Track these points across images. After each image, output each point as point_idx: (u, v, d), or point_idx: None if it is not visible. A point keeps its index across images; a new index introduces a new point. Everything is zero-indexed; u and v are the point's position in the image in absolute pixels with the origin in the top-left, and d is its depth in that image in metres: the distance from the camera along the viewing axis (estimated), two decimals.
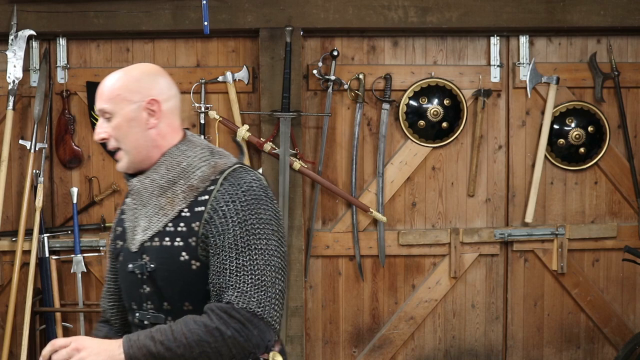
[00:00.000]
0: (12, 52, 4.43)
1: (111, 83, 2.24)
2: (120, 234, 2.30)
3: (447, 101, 4.73)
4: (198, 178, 2.15)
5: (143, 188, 2.19)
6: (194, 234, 2.10)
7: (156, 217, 2.17)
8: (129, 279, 2.21)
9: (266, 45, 4.53)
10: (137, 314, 2.21)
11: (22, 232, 4.44)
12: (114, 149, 2.19)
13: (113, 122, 2.18)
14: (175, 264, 2.12)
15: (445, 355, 4.88)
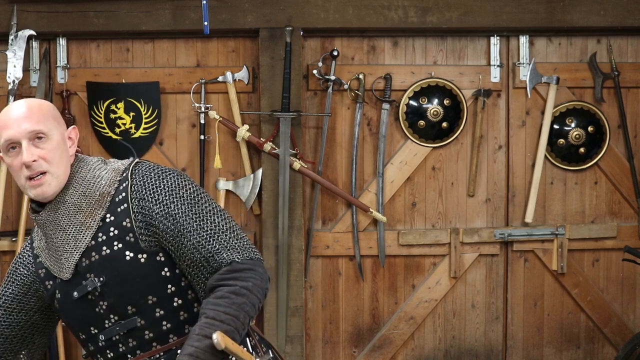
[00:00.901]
0: (12, 52, 4.43)
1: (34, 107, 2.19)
2: (45, 275, 2.27)
3: (447, 101, 4.73)
4: (105, 184, 2.20)
5: (58, 213, 2.19)
6: (129, 230, 2.15)
7: (80, 235, 2.19)
8: (80, 307, 2.21)
9: (266, 45, 4.53)
10: (100, 336, 2.22)
11: (22, 232, 4.44)
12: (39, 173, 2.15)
13: (47, 144, 2.16)
14: (123, 265, 2.16)
15: (445, 355, 4.89)
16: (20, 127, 2.14)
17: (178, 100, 4.72)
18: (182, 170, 4.73)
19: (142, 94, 4.62)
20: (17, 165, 2.16)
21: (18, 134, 2.14)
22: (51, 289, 2.26)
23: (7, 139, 2.15)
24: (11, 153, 2.16)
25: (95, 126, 4.64)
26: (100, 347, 2.23)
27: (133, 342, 2.20)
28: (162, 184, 2.18)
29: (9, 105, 2.23)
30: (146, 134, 4.66)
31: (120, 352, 2.22)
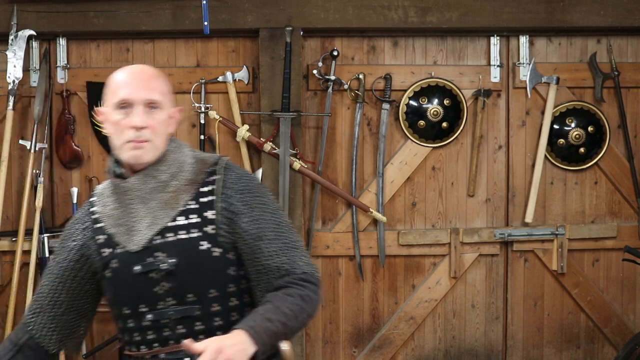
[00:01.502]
0: (12, 52, 4.43)
1: (157, 77, 2.29)
2: (105, 241, 2.25)
3: (447, 101, 4.73)
4: (192, 171, 2.23)
5: (146, 185, 2.21)
6: (209, 222, 2.18)
7: (161, 212, 2.20)
8: (137, 281, 2.19)
9: (266, 45, 4.53)
10: (149, 315, 2.19)
11: (22, 232, 4.44)
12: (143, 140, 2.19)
13: (159, 115, 2.21)
14: (196, 254, 2.17)
15: (445, 355, 4.89)
16: (140, 91, 2.19)
17: (178, 100, 4.68)
18: None
19: None
20: (124, 124, 2.19)
21: (137, 97, 2.18)
22: (107, 257, 2.24)
23: (124, 98, 2.19)
24: (121, 111, 2.19)
25: (95, 126, 4.64)
26: (142, 325, 2.21)
27: (182, 330, 2.19)
28: (252, 188, 2.23)
29: (132, 67, 2.29)
30: None
31: (164, 335, 2.20)
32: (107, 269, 2.24)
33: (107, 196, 2.31)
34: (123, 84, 2.22)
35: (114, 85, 2.24)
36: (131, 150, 2.20)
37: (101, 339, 4.70)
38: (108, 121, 2.27)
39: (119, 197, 2.25)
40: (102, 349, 4.57)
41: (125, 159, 2.23)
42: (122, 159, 2.25)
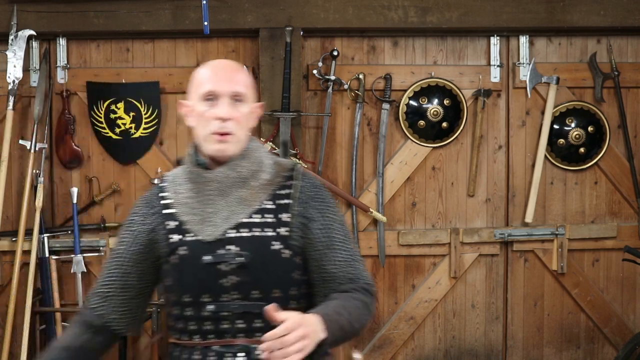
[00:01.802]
0: (12, 52, 4.43)
1: (240, 70, 2.27)
2: (175, 228, 2.25)
3: (447, 101, 4.73)
4: (270, 173, 2.27)
5: (227, 178, 2.22)
6: (283, 224, 2.22)
7: (239, 208, 2.22)
8: (204, 271, 2.19)
9: (266, 45, 4.53)
10: (210, 306, 2.19)
11: (22, 232, 4.44)
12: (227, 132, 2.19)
13: (243, 107, 2.22)
14: (268, 253, 2.20)
15: (445, 355, 4.89)
16: (226, 84, 2.20)
17: (178, 100, 4.70)
18: None
19: (142, 94, 4.63)
20: (209, 115, 2.19)
21: (223, 89, 2.20)
22: (176, 243, 2.23)
23: (211, 90, 2.20)
24: (206, 103, 2.20)
25: (95, 126, 4.64)
26: (201, 315, 2.21)
27: (241, 325, 2.20)
28: (324, 197, 2.29)
29: (217, 61, 2.30)
30: (146, 134, 4.66)
31: (221, 328, 2.20)
32: (173, 255, 2.24)
33: (179, 183, 2.29)
34: (209, 77, 2.22)
35: (200, 79, 2.23)
36: (216, 143, 2.19)
37: None
38: (192, 113, 2.25)
39: (197, 186, 2.25)
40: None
41: (209, 151, 2.22)
42: (205, 150, 2.23)
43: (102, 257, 4.64)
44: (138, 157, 4.70)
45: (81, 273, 4.61)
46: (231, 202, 2.23)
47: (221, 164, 2.23)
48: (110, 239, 4.63)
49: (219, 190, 2.22)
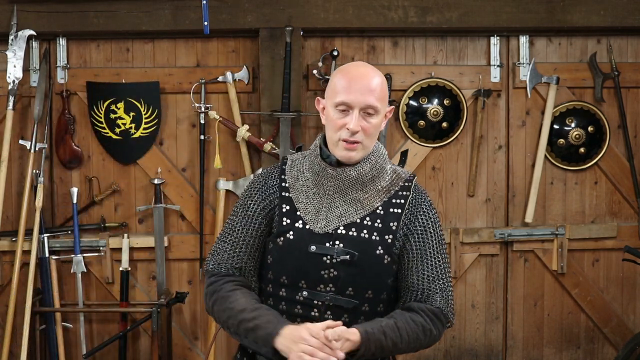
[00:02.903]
0: (12, 52, 4.43)
1: (379, 82, 2.33)
2: (288, 212, 2.37)
3: (447, 101, 4.73)
4: (388, 181, 2.39)
5: (347, 179, 2.35)
6: (391, 232, 2.34)
7: (353, 208, 2.35)
8: (307, 259, 2.31)
9: (266, 45, 4.53)
10: (305, 292, 2.32)
11: (22, 232, 4.44)
12: (355, 141, 2.30)
13: (374, 119, 2.31)
14: (372, 256, 2.32)
15: (445, 355, 4.89)
16: (360, 97, 2.28)
17: (178, 100, 4.72)
18: (182, 170, 4.73)
19: (142, 94, 4.63)
20: (339, 123, 2.29)
21: (356, 102, 2.28)
22: (286, 227, 2.36)
23: (345, 101, 2.28)
24: (339, 110, 2.30)
25: (95, 126, 4.64)
26: (294, 299, 2.33)
27: (329, 316, 2.31)
28: (432, 214, 2.41)
29: (354, 67, 2.37)
30: (146, 134, 4.66)
31: (311, 315, 2.32)
32: (280, 237, 2.36)
33: (300, 170, 2.42)
34: (346, 86, 2.29)
35: (338, 86, 2.31)
36: (343, 150, 2.31)
37: (101, 339, 4.70)
38: (326, 114, 2.37)
39: (318, 179, 2.37)
40: (102, 349, 4.57)
41: (337, 155, 2.34)
42: (333, 152, 2.35)
43: (102, 257, 4.65)
44: (138, 157, 4.70)
45: (81, 273, 4.61)
46: (347, 201, 2.36)
47: (345, 165, 2.35)
48: (111, 239, 4.63)
49: (338, 188, 2.36)
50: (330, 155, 2.36)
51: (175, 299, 4.52)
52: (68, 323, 4.67)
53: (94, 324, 4.75)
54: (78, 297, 4.62)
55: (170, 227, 4.75)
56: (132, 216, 4.74)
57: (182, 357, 4.78)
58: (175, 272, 4.77)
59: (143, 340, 4.76)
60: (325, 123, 2.38)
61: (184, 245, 4.72)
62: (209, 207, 4.72)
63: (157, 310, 4.37)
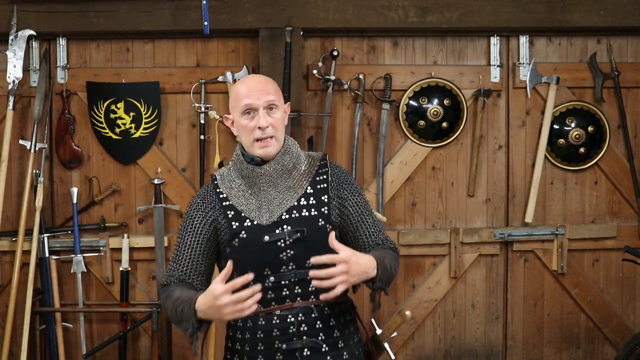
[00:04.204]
0: (12, 52, 4.43)
1: (268, 80, 2.71)
2: (233, 216, 2.68)
3: (447, 101, 4.73)
4: (306, 164, 2.76)
5: (273, 172, 2.68)
6: (324, 204, 2.70)
7: (287, 194, 2.69)
8: (264, 249, 2.63)
9: (266, 45, 4.53)
10: (271, 277, 2.62)
11: (22, 232, 4.44)
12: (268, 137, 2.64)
13: (277, 113, 2.67)
14: (316, 229, 2.65)
15: (445, 355, 4.89)
16: (261, 97, 2.64)
17: (178, 100, 4.72)
18: (182, 170, 4.73)
19: (142, 94, 4.63)
20: (251, 126, 2.64)
21: (258, 103, 2.64)
22: (237, 229, 2.67)
23: (248, 105, 2.64)
24: (246, 116, 2.65)
25: (95, 126, 4.64)
26: (263, 287, 2.57)
27: (298, 290, 2.64)
28: (351, 181, 2.79)
29: (249, 77, 2.76)
30: (146, 134, 4.66)
31: (282, 295, 2.63)
32: (235, 239, 2.66)
33: (231, 179, 2.74)
34: (246, 94, 2.64)
35: (239, 96, 2.66)
36: (261, 148, 2.65)
37: (101, 339, 4.70)
38: (236, 125, 2.70)
39: (249, 180, 2.70)
40: (102, 349, 4.57)
41: (257, 154, 2.67)
42: (253, 154, 2.68)
43: (102, 257, 4.65)
44: (138, 157, 4.70)
45: (81, 273, 4.61)
46: (281, 190, 2.69)
47: (267, 161, 2.68)
48: (111, 239, 4.63)
49: (269, 181, 2.68)
50: (253, 157, 2.68)
51: None
52: (68, 323, 4.67)
53: (94, 324, 4.76)
54: (78, 297, 4.62)
55: (170, 227, 4.75)
56: (132, 216, 4.74)
57: (182, 357, 4.78)
58: None
59: (143, 340, 4.76)
60: (237, 134, 2.70)
61: None
62: None
63: (157, 310, 4.37)
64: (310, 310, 2.64)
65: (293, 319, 2.63)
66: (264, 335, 2.64)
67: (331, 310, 2.68)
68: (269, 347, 2.63)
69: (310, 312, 2.64)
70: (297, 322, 2.63)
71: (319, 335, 2.64)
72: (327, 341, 2.65)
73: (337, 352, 2.67)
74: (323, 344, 2.64)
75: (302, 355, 2.62)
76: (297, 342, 2.62)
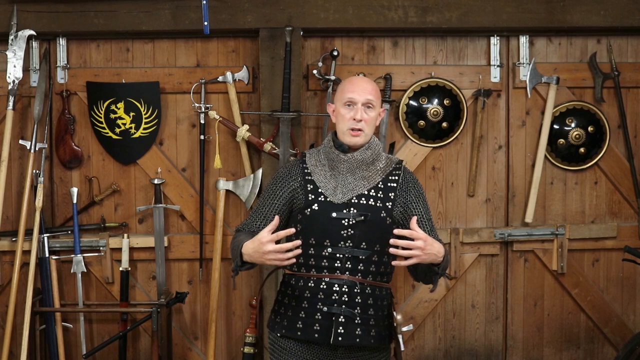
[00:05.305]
0: (12, 52, 4.43)
1: (374, 86, 3.17)
2: (312, 189, 3.14)
3: (447, 101, 4.73)
4: (383, 163, 3.20)
5: (355, 161, 3.14)
6: (390, 200, 3.14)
7: (361, 183, 3.13)
8: (330, 223, 3.07)
9: (266, 45, 4.53)
10: (329, 249, 3.07)
11: (22, 232, 4.44)
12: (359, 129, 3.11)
13: (372, 112, 3.14)
14: (377, 217, 3.10)
15: (445, 355, 4.89)
16: (363, 94, 3.12)
17: (178, 100, 4.72)
18: (182, 170, 4.73)
19: (142, 94, 4.63)
20: (348, 116, 3.12)
21: (360, 98, 3.11)
22: (312, 201, 3.12)
23: (350, 98, 3.12)
24: (347, 108, 3.12)
25: (95, 126, 4.64)
26: (321, 255, 3.07)
27: (348, 265, 3.07)
28: (419, 188, 3.24)
29: (357, 77, 3.40)
30: (146, 134, 4.66)
31: (334, 266, 3.07)
32: (308, 209, 3.11)
33: (317, 159, 3.20)
34: (351, 88, 3.13)
35: (345, 90, 3.14)
36: (351, 137, 3.12)
37: (101, 339, 4.70)
38: (336, 113, 3.17)
39: (333, 163, 3.16)
40: (102, 349, 4.57)
41: (346, 141, 3.14)
42: (342, 140, 3.14)
43: (102, 257, 4.65)
44: (138, 157, 4.70)
45: (81, 273, 4.61)
46: (357, 178, 3.14)
47: (352, 151, 3.16)
48: (111, 239, 4.63)
49: (349, 168, 3.15)
50: (341, 144, 3.15)
51: (175, 299, 4.52)
52: (68, 323, 4.67)
53: (94, 324, 4.76)
54: (78, 297, 4.63)
55: (170, 227, 4.75)
56: (132, 216, 4.74)
57: (182, 357, 4.79)
58: (175, 272, 4.77)
59: (143, 340, 4.77)
60: (335, 121, 3.18)
61: (184, 245, 4.72)
62: (209, 207, 4.72)
63: (157, 310, 4.37)
64: (355, 285, 3.06)
65: (338, 288, 3.06)
66: (311, 295, 3.07)
67: (372, 291, 3.11)
68: (312, 306, 3.06)
69: (354, 286, 3.06)
70: (340, 292, 3.05)
71: (356, 307, 3.06)
72: (362, 315, 3.07)
73: (367, 327, 3.08)
74: (357, 316, 3.05)
75: (338, 320, 3.04)
76: (337, 308, 3.04)
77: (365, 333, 3.07)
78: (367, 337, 3.08)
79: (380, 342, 3.14)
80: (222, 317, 4.79)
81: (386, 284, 3.18)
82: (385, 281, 3.17)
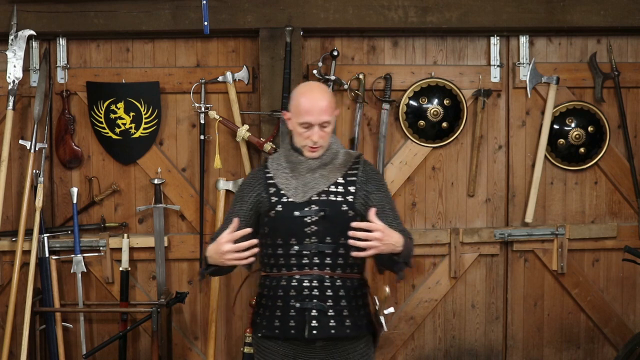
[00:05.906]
0: (12, 52, 4.43)
1: (327, 99, 3.20)
2: (274, 192, 3.21)
3: (447, 101, 4.73)
4: (343, 159, 3.27)
5: (313, 162, 3.21)
6: (350, 193, 3.20)
7: (321, 181, 3.20)
8: (294, 222, 3.15)
9: (266, 45, 4.53)
10: (295, 247, 3.14)
11: (22, 232, 4.44)
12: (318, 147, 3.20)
13: (328, 128, 3.20)
14: (338, 212, 3.17)
15: (445, 355, 4.89)
16: (319, 116, 3.15)
17: (178, 100, 4.72)
18: (182, 170, 4.73)
19: (142, 94, 4.63)
20: (305, 135, 3.18)
21: (317, 121, 3.15)
22: (275, 203, 3.19)
23: (307, 121, 3.16)
24: (304, 127, 3.17)
25: (95, 126, 4.64)
26: (288, 253, 3.15)
27: (316, 260, 3.14)
28: (379, 178, 3.31)
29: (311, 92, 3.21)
30: (146, 134, 4.66)
31: (302, 262, 3.14)
32: (272, 210, 3.18)
33: (279, 163, 3.27)
34: (309, 111, 3.15)
35: (300, 110, 3.17)
36: (309, 152, 3.22)
37: (101, 339, 4.70)
38: (292, 127, 3.23)
39: (293, 165, 3.23)
40: (102, 349, 4.57)
41: (304, 154, 3.22)
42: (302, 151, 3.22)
43: (102, 257, 4.65)
44: (138, 157, 4.70)
45: (81, 273, 4.61)
46: (316, 177, 3.21)
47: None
48: (111, 239, 4.63)
49: (308, 169, 3.22)
50: (299, 148, 3.24)
51: (175, 299, 4.52)
52: (68, 323, 4.67)
53: (94, 324, 4.76)
54: (78, 297, 4.62)
55: (170, 227, 4.75)
56: (132, 216, 4.74)
57: (182, 357, 4.79)
58: (175, 272, 4.77)
59: (143, 340, 4.76)
60: (291, 129, 3.25)
61: (184, 245, 4.72)
62: (209, 207, 4.72)
63: (157, 310, 4.37)
64: (323, 279, 3.13)
65: (308, 284, 3.13)
66: (283, 293, 3.14)
67: (343, 283, 3.17)
68: (286, 304, 3.13)
69: (323, 280, 3.13)
70: (311, 287, 3.13)
71: (327, 300, 3.12)
72: (334, 307, 3.13)
73: (340, 318, 3.13)
74: (329, 308, 3.12)
75: (310, 314, 3.11)
76: (308, 303, 3.11)
77: (339, 324, 3.13)
78: (342, 328, 3.14)
79: (357, 332, 3.18)
80: (222, 317, 4.78)
81: (357, 274, 3.23)
82: (356, 272, 3.22)
